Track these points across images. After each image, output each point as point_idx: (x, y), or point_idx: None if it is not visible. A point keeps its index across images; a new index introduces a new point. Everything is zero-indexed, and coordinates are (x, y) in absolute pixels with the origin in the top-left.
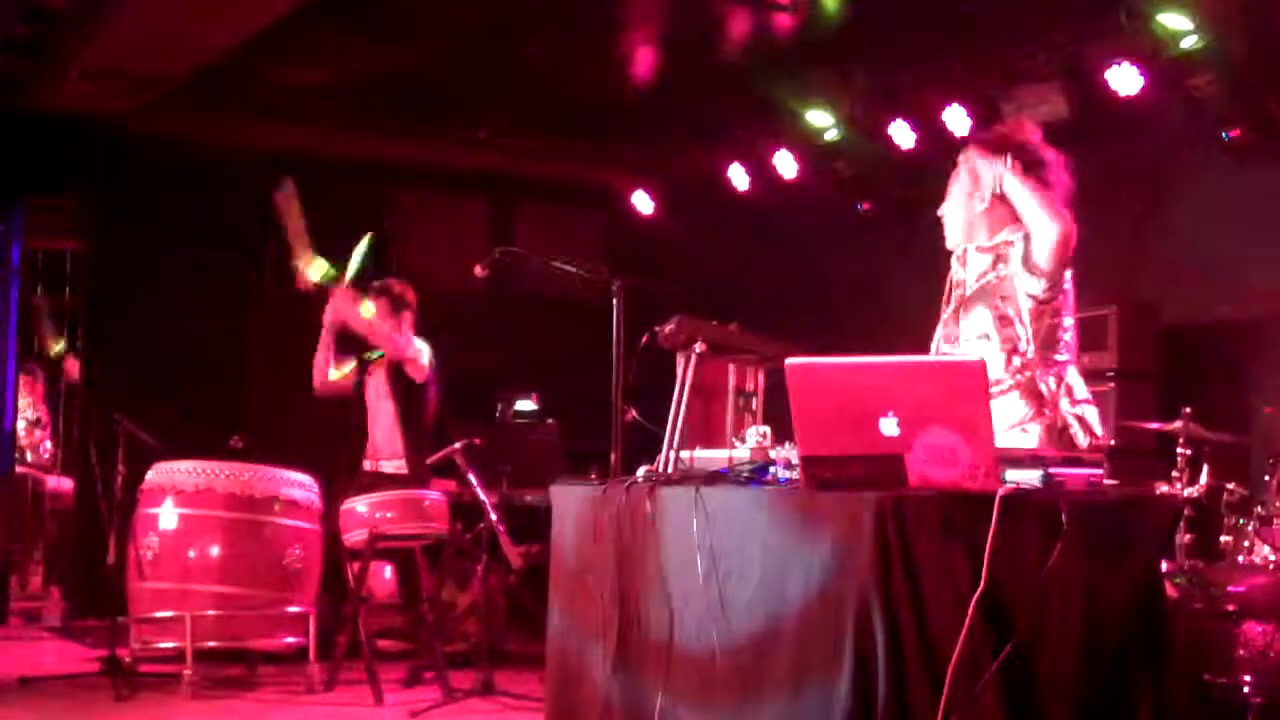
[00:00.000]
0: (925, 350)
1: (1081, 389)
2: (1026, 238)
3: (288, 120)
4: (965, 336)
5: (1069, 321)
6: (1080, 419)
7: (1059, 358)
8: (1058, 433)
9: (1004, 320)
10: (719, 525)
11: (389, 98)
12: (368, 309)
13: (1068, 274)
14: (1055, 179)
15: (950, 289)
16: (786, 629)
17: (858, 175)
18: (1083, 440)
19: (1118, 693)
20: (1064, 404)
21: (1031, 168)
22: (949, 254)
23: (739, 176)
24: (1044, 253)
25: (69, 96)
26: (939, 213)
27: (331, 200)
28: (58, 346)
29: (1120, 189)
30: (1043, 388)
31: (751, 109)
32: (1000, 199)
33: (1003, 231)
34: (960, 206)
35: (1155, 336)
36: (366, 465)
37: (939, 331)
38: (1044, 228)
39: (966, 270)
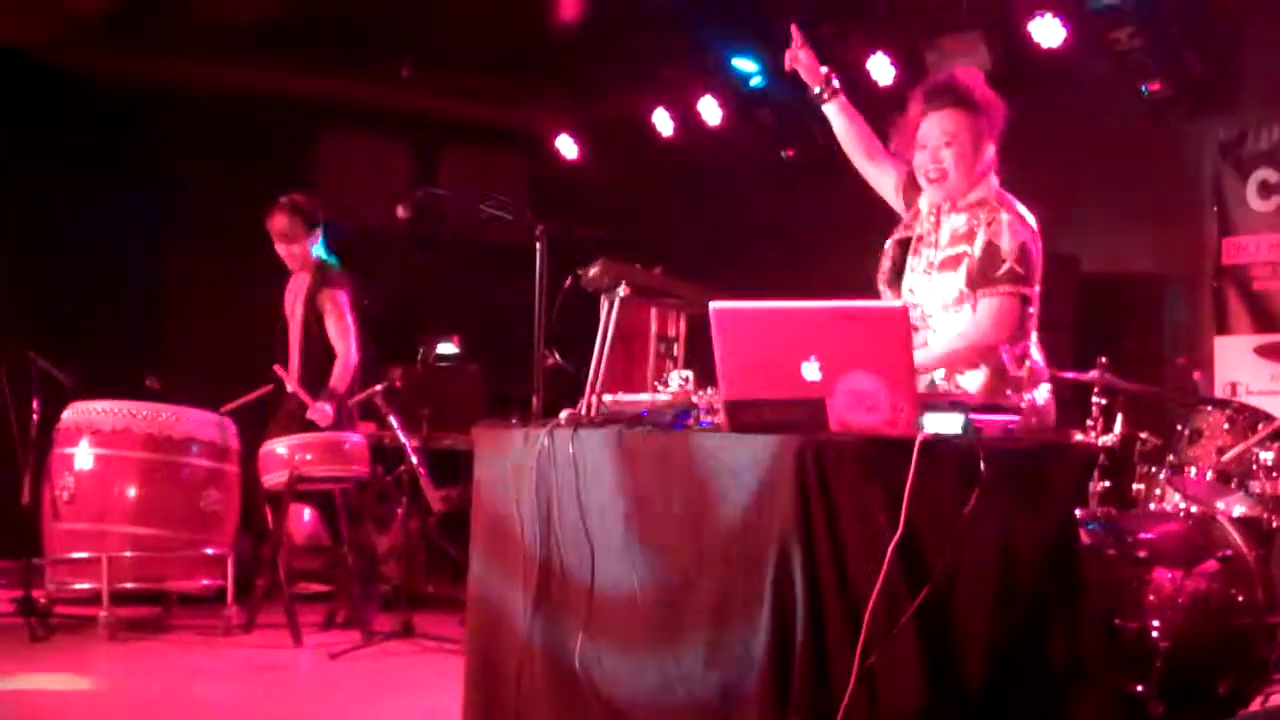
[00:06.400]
0: (846, 297)
1: (1042, 368)
2: (995, 224)
3: (208, 58)
4: (936, 301)
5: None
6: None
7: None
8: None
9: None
10: (641, 468)
11: (310, 35)
12: (277, 224)
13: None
14: (996, 118)
15: (917, 240)
16: (706, 571)
17: (781, 122)
18: None
19: (1032, 636)
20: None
21: (982, 109)
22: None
23: (663, 122)
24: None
25: None
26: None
27: (253, 139)
28: None
29: (1041, 140)
30: (1008, 365)
31: (677, 53)
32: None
33: (978, 189)
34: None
35: (1075, 287)
36: (288, 387)
37: (910, 280)
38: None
39: (941, 230)
